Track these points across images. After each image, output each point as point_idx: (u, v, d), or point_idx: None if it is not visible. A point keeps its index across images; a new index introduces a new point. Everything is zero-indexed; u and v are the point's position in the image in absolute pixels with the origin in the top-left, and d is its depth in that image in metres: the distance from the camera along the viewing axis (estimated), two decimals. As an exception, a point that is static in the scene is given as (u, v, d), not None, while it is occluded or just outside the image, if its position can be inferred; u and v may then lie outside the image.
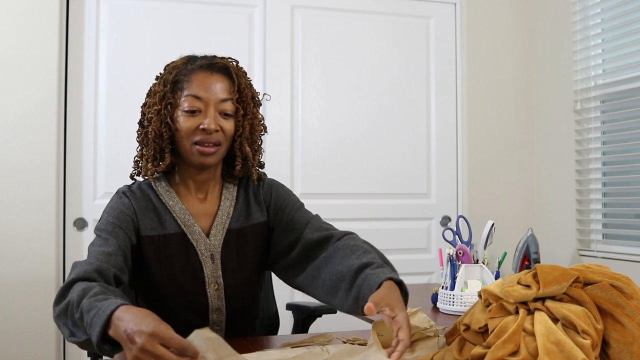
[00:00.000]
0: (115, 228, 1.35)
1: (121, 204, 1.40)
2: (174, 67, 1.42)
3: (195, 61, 1.42)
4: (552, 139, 3.21)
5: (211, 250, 1.42)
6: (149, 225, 1.40)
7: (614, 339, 0.97)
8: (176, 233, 1.40)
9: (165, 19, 2.90)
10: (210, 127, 1.35)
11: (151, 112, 1.40)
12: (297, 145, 3.05)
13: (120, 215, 1.38)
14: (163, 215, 1.41)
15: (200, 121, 1.36)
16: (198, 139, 1.37)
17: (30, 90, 2.66)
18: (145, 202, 1.42)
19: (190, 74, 1.39)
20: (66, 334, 1.14)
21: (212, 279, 1.42)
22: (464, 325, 1.07)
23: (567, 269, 1.04)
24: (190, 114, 1.37)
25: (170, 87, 1.39)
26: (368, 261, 1.26)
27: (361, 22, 3.16)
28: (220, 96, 1.38)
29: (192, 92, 1.37)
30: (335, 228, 1.45)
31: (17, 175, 2.63)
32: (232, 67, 1.43)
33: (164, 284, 1.40)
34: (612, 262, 2.77)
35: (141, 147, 1.44)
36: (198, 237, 1.41)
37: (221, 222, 1.44)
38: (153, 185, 1.45)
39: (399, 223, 3.18)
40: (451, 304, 1.82)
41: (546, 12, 3.25)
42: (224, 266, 1.43)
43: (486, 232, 1.88)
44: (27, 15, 2.66)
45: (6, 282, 2.60)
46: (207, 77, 1.38)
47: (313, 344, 1.33)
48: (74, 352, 2.72)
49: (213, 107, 1.37)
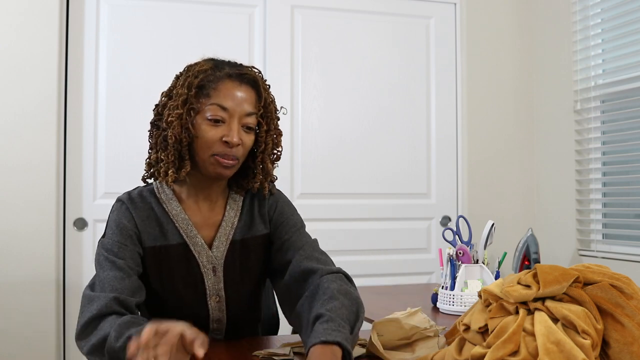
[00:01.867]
0: (121, 247, 1.32)
1: (122, 217, 1.36)
2: (199, 70, 1.34)
3: (223, 68, 1.36)
4: (552, 139, 3.21)
5: (213, 263, 1.39)
6: (151, 235, 1.36)
7: (614, 339, 0.97)
8: (178, 244, 1.37)
9: (165, 19, 2.90)
10: (234, 141, 1.31)
11: (172, 116, 1.32)
12: (297, 145, 3.05)
13: (124, 230, 1.34)
14: (165, 225, 1.38)
15: (222, 133, 1.32)
16: (219, 151, 1.32)
17: (30, 90, 2.66)
18: (147, 211, 1.38)
19: (218, 81, 1.33)
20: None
21: (214, 292, 1.40)
22: (464, 325, 1.07)
23: (567, 269, 1.04)
24: (213, 123, 1.32)
25: (195, 92, 1.33)
26: (320, 313, 1.15)
27: (361, 22, 3.16)
28: (246, 109, 1.34)
29: (218, 101, 1.32)
30: (328, 258, 1.37)
31: (17, 175, 2.63)
32: (260, 80, 1.38)
33: (165, 294, 1.38)
34: (612, 262, 2.77)
35: (156, 150, 1.37)
36: (200, 248, 1.38)
37: (225, 232, 1.41)
38: (156, 192, 1.41)
39: (399, 223, 3.18)
40: (451, 304, 1.82)
41: (546, 12, 3.25)
42: (226, 278, 1.40)
43: (486, 232, 1.88)
44: (27, 15, 2.66)
45: (6, 282, 2.60)
46: (235, 88, 1.33)
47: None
48: (74, 352, 2.72)
49: (237, 119, 1.32)
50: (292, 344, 1.33)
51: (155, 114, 1.40)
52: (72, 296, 2.73)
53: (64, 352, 2.72)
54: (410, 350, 1.26)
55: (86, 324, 1.20)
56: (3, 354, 2.57)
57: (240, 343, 1.39)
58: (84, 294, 1.26)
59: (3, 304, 2.59)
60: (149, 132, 1.41)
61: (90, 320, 1.19)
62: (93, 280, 1.30)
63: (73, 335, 2.71)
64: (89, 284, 1.30)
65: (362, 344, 1.32)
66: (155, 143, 1.37)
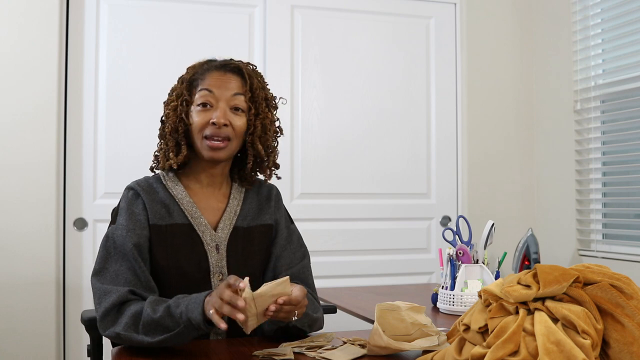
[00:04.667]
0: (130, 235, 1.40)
1: (132, 204, 1.46)
2: (192, 67, 1.52)
3: (213, 63, 1.52)
4: (552, 139, 3.21)
5: (216, 241, 1.47)
6: (157, 214, 1.45)
7: (614, 339, 0.97)
8: (183, 224, 1.46)
9: (165, 19, 2.90)
10: (220, 121, 1.42)
11: (168, 109, 1.49)
12: (296, 145, 3.05)
13: (132, 216, 1.43)
14: (171, 207, 1.47)
15: (211, 115, 1.44)
16: (208, 134, 1.44)
17: (30, 91, 2.66)
18: (153, 194, 1.48)
19: (206, 72, 1.48)
20: (143, 340, 1.27)
21: (217, 269, 1.45)
22: (464, 325, 1.07)
23: (567, 269, 1.04)
24: (202, 108, 1.45)
25: (186, 85, 1.48)
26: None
27: (361, 22, 3.16)
28: (232, 90, 1.46)
29: (205, 86, 1.46)
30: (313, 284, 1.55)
31: (17, 175, 2.63)
32: (245, 67, 1.51)
33: (170, 272, 1.43)
34: (612, 262, 2.77)
35: (160, 141, 1.52)
36: (204, 228, 1.47)
37: (229, 217, 1.50)
38: (162, 179, 1.51)
39: (399, 223, 3.18)
40: (451, 304, 1.82)
41: (546, 12, 3.25)
42: (229, 257, 1.47)
43: (486, 232, 1.88)
44: (27, 15, 2.66)
45: (6, 282, 2.60)
46: (221, 75, 1.48)
47: (313, 344, 1.33)
48: (74, 353, 2.72)
49: (224, 102, 1.45)
50: (292, 344, 1.33)
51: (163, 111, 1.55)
52: (72, 296, 2.73)
53: (64, 352, 2.72)
54: (407, 340, 1.26)
55: (107, 310, 1.31)
56: (3, 354, 2.57)
57: (240, 343, 1.39)
58: (95, 285, 1.37)
59: (3, 304, 2.59)
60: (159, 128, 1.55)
61: (111, 307, 1.31)
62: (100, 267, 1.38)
63: (73, 335, 2.71)
64: (96, 270, 1.38)
65: (361, 344, 1.32)
66: (159, 135, 1.53)
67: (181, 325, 1.24)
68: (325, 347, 1.31)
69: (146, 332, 1.27)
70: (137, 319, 1.28)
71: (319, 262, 2.86)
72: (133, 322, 1.28)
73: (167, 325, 1.25)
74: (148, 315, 1.26)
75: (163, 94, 1.57)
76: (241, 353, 1.30)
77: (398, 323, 1.26)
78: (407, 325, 1.25)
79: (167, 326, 1.25)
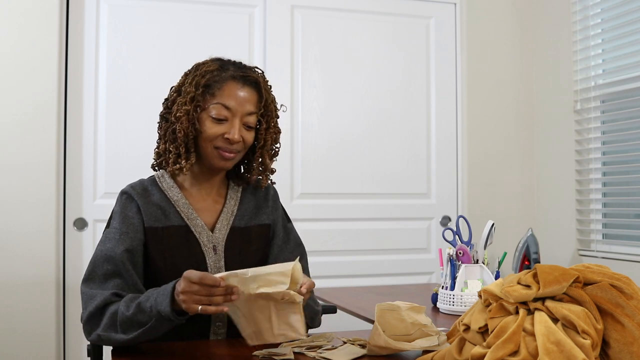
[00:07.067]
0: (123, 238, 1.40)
1: (124, 207, 1.46)
2: (207, 70, 1.46)
3: (228, 69, 1.47)
4: (552, 139, 3.21)
5: (214, 242, 1.47)
6: (153, 217, 1.45)
7: (614, 339, 0.97)
8: (179, 226, 1.46)
9: (165, 18, 2.90)
10: (235, 138, 1.43)
11: (180, 112, 1.44)
12: (296, 145, 3.05)
13: (125, 220, 1.43)
14: (167, 209, 1.47)
15: (225, 130, 1.44)
16: (220, 145, 1.44)
17: (30, 91, 2.66)
18: (148, 197, 1.47)
19: (223, 82, 1.45)
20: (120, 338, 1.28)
21: (215, 269, 1.45)
22: (464, 325, 1.07)
23: (567, 269, 1.04)
24: (216, 121, 1.44)
25: (201, 91, 1.44)
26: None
27: (361, 22, 3.16)
28: (248, 109, 1.45)
29: (222, 101, 1.43)
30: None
31: (17, 175, 2.63)
32: (262, 81, 1.49)
33: (167, 274, 1.42)
34: (612, 262, 2.77)
35: (164, 141, 1.48)
36: (201, 229, 1.47)
37: (226, 218, 1.51)
38: (157, 181, 1.51)
39: (399, 223, 3.18)
40: (451, 304, 1.82)
41: (546, 12, 3.25)
42: (227, 258, 1.47)
43: (486, 232, 1.88)
44: (27, 15, 2.66)
45: (6, 282, 2.60)
46: (239, 89, 1.45)
47: (313, 344, 1.33)
48: (74, 353, 2.72)
49: (239, 118, 1.44)
50: (292, 344, 1.33)
51: (164, 107, 1.52)
52: (72, 296, 2.73)
53: (64, 352, 2.72)
54: (407, 340, 1.26)
55: (91, 314, 1.32)
56: (3, 354, 2.57)
57: (240, 343, 1.39)
58: (83, 290, 1.36)
59: (3, 304, 2.59)
60: (158, 123, 1.52)
61: (95, 311, 1.32)
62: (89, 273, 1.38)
63: (73, 335, 2.71)
64: (86, 277, 1.39)
65: (361, 344, 1.32)
66: (164, 134, 1.49)
67: (152, 319, 1.24)
68: (325, 347, 1.31)
69: (123, 330, 1.28)
70: (114, 318, 1.29)
71: (319, 262, 2.87)
72: (112, 322, 1.29)
73: (140, 321, 1.26)
74: (122, 313, 1.27)
75: (163, 94, 1.56)
76: (241, 353, 1.30)
77: (398, 323, 1.26)
78: (407, 325, 1.25)
79: (140, 321, 1.26)
